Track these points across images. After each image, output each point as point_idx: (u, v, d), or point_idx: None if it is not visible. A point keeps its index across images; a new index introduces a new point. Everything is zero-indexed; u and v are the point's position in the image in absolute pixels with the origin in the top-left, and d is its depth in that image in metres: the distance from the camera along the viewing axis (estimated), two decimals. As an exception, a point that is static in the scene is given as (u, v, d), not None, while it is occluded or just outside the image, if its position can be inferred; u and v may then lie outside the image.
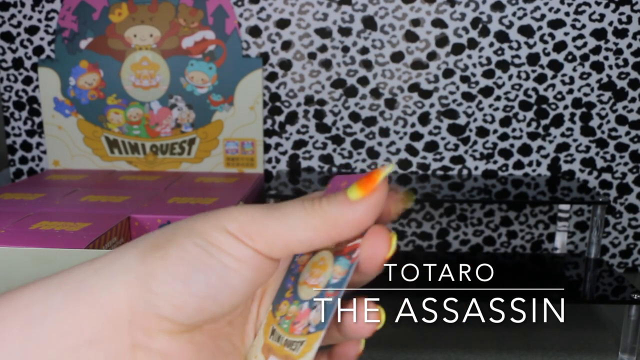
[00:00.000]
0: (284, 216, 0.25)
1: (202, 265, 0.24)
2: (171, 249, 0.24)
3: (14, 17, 1.41)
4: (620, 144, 1.42)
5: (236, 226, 0.25)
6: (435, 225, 1.48)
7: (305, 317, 0.27)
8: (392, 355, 1.09)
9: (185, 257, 0.24)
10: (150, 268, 0.24)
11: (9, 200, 1.04)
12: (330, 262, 0.27)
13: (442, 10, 1.37)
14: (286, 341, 0.27)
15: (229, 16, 1.39)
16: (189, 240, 0.24)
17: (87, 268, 0.25)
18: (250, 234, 0.25)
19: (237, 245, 0.25)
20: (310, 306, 0.27)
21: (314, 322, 0.27)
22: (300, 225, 0.25)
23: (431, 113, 1.42)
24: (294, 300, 0.28)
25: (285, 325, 0.28)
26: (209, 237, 0.25)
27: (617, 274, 1.19)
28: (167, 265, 0.24)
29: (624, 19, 1.35)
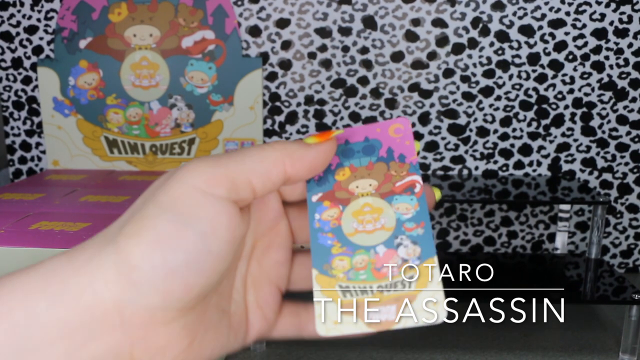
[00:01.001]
0: (244, 155, 0.26)
1: (178, 241, 0.23)
2: (145, 234, 0.24)
3: (13, 16, 1.41)
4: (621, 144, 1.42)
5: (202, 179, 0.25)
6: (436, 225, 1.48)
7: (392, 258, 0.27)
8: (392, 355, 1.09)
9: (160, 239, 0.23)
10: (128, 259, 0.23)
11: (8, 200, 1.03)
12: (381, 204, 0.29)
13: (443, 10, 1.37)
14: (380, 286, 0.27)
15: (229, 16, 1.39)
16: (160, 219, 0.24)
17: (66, 266, 0.24)
18: (215, 182, 0.25)
19: (207, 203, 0.24)
20: (389, 246, 0.28)
21: (411, 255, 0.27)
22: (257, 158, 0.26)
23: (431, 113, 1.42)
24: (355, 250, 0.28)
25: (362, 276, 0.27)
26: (179, 206, 0.24)
27: (617, 274, 1.19)
28: (144, 253, 0.23)
29: (625, 19, 1.35)
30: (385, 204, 0.29)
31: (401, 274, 0.27)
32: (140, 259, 0.23)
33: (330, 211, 0.29)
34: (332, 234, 0.29)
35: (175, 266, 0.23)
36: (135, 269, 0.23)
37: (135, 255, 0.23)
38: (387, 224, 0.28)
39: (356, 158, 0.30)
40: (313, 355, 1.09)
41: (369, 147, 0.30)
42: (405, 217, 0.28)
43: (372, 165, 0.30)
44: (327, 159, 0.28)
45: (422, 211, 0.28)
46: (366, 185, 0.29)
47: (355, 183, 0.29)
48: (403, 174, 0.29)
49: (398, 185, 0.29)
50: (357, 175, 0.30)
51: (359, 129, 0.31)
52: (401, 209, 0.28)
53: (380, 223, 0.28)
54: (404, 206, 0.28)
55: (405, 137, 0.30)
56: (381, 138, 0.30)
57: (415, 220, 0.28)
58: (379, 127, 0.31)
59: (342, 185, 0.30)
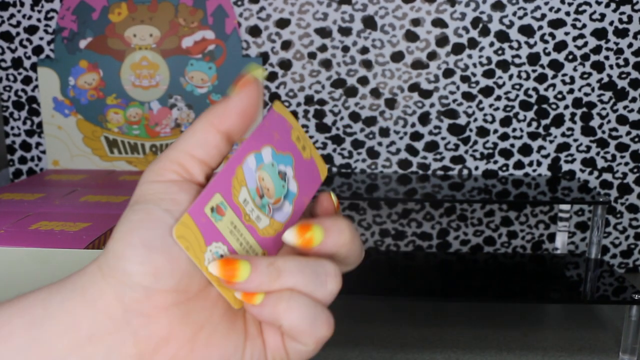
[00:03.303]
0: (179, 138, 0.28)
1: (148, 221, 0.26)
2: (120, 227, 0.26)
3: (13, 16, 1.41)
4: (621, 144, 1.42)
5: (154, 173, 0.27)
6: (436, 225, 1.48)
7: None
8: (392, 355, 1.09)
9: (133, 225, 0.26)
10: (116, 252, 0.26)
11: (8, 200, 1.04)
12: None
13: (443, 10, 1.37)
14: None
15: (229, 16, 1.39)
16: (130, 210, 0.27)
17: (78, 273, 0.27)
18: (163, 170, 0.27)
19: (164, 188, 0.27)
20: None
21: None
22: (189, 133, 0.28)
23: (431, 113, 1.42)
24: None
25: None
26: (142, 198, 0.27)
27: (617, 274, 1.19)
28: (124, 242, 0.25)
29: (625, 19, 1.35)
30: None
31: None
32: (123, 248, 0.26)
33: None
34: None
35: (153, 243, 0.25)
36: (122, 257, 0.25)
37: (118, 246, 0.26)
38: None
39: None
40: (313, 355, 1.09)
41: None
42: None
43: None
44: (254, 99, 0.29)
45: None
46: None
47: None
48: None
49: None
50: None
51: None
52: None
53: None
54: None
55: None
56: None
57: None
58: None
59: None
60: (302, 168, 0.32)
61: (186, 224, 0.28)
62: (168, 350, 0.26)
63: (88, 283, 0.26)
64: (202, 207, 0.28)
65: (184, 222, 0.28)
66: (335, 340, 1.14)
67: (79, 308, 0.25)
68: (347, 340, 1.15)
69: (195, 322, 0.27)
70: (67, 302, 0.25)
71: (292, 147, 0.32)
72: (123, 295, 0.25)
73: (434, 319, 1.25)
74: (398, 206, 1.47)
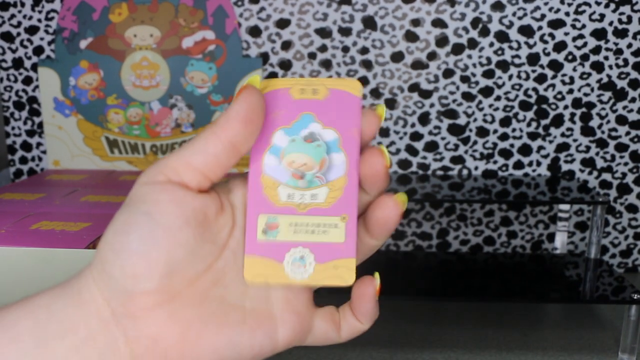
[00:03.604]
0: (182, 146, 0.28)
1: (128, 225, 0.26)
2: (108, 231, 0.27)
3: (14, 17, 1.41)
4: (620, 144, 1.42)
5: (148, 177, 0.27)
6: (435, 225, 1.48)
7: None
8: (392, 354, 1.09)
9: (117, 230, 0.26)
10: (100, 255, 0.27)
11: (9, 200, 1.04)
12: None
13: (442, 10, 1.37)
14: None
15: (229, 16, 1.39)
16: (117, 215, 0.27)
17: (75, 276, 0.28)
18: (157, 173, 0.27)
19: (150, 190, 0.27)
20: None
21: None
22: (191, 143, 0.28)
23: (431, 113, 1.42)
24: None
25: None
26: (131, 201, 0.27)
27: (617, 274, 1.19)
28: (108, 246, 0.26)
29: (624, 19, 1.35)
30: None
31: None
32: (105, 251, 0.26)
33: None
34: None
35: (132, 246, 0.26)
36: (105, 261, 0.26)
37: (103, 250, 0.27)
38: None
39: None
40: (313, 354, 1.09)
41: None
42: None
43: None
44: (253, 105, 0.28)
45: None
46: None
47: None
48: None
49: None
50: None
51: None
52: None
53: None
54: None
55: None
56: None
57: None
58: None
59: None
60: (327, 110, 0.29)
61: (250, 264, 0.28)
62: (159, 350, 0.27)
63: (83, 287, 0.27)
64: (254, 238, 0.28)
65: (247, 264, 0.28)
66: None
67: (76, 311, 0.26)
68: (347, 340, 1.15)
69: (183, 321, 0.27)
70: (67, 306, 0.26)
71: (302, 104, 0.29)
72: (110, 298, 0.26)
73: (434, 318, 1.25)
74: (398, 206, 1.47)
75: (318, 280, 0.28)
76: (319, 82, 0.29)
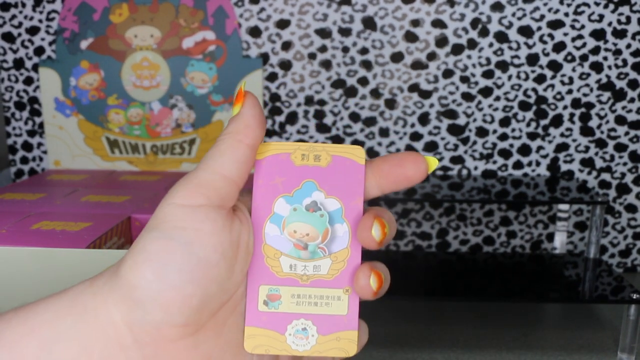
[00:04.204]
0: (206, 158, 0.27)
1: (165, 255, 0.25)
2: (136, 255, 0.25)
3: (14, 17, 1.42)
4: (620, 144, 1.42)
5: (180, 195, 0.26)
6: (435, 225, 1.48)
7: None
8: (392, 354, 1.09)
9: (149, 256, 0.25)
10: (128, 280, 0.25)
11: (9, 200, 1.04)
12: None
13: (442, 11, 1.38)
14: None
15: (229, 16, 1.39)
16: (147, 239, 0.25)
17: (88, 290, 0.26)
18: (191, 193, 0.26)
19: (188, 215, 0.25)
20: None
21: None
22: (216, 153, 0.27)
23: (431, 113, 1.43)
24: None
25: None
26: (163, 224, 0.25)
27: (616, 273, 1.20)
28: (137, 271, 0.25)
29: (623, 20, 1.36)
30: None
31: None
32: (136, 278, 0.25)
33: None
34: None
35: (167, 278, 0.25)
36: (135, 288, 0.25)
37: (132, 275, 0.25)
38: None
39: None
40: (313, 354, 1.09)
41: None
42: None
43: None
44: (258, 106, 0.28)
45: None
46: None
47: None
48: None
49: None
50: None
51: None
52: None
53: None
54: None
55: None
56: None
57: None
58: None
59: None
60: (329, 177, 0.28)
61: (251, 334, 0.27)
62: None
63: (100, 307, 0.25)
64: (255, 309, 0.27)
65: (248, 335, 0.27)
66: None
67: (90, 333, 0.25)
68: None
69: (204, 352, 0.27)
70: (78, 325, 0.25)
71: (304, 171, 0.28)
72: (133, 325, 0.25)
73: (434, 318, 1.25)
74: (398, 206, 1.48)
75: (320, 352, 0.28)
76: (322, 147, 0.28)
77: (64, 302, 0.26)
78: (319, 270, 0.28)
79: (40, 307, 0.25)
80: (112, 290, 0.25)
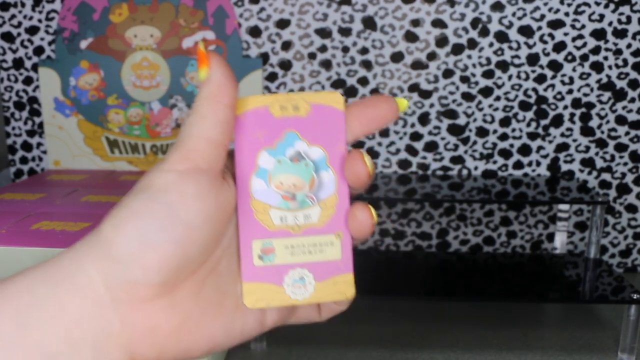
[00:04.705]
0: (186, 125, 0.27)
1: (148, 213, 0.25)
2: (118, 213, 0.25)
3: (14, 17, 1.42)
4: (620, 144, 1.42)
5: (168, 162, 0.26)
6: (435, 225, 1.48)
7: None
8: (392, 354, 1.09)
9: (131, 215, 0.25)
10: (108, 238, 0.25)
11: (9, 200, 1.04)
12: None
13: (442, 11, 1.37)
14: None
15: (229, 16, 1.39)
16: (132, 199, 0.26)
17: (66, 255, 0.26)
18: (179, 159, 0.26)
19: (174, 179, 0.26)
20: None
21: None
22: (198, 116, 0.27)
23: (431, 113, 1.43)
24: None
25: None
26: (150, 187, 0.26)
27: (616, 273, 1.19)
28: (119, 230, 0.25)
29: (624, 19, 1.36)
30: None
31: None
32: (116, 235, 0.25)
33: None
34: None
35: (147, 236, 0.25)
36: (114, 244, 0.25)
37: (112, 232, 0.25)
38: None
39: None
40: (313, 354, 1.09)
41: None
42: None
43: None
44: (225, 63, 0.28)
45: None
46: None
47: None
48: None
49: None
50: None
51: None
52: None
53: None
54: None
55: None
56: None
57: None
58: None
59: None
60: (311, 125, 0.28)
61: (249, 290, 0.27)
62: (155, 339, 0.26)
63: (78, 269, 0.25)
64: (251, 264, 0.28)
65: (246, 291, 0.27)
66: (334, 340, 1.15)
67: (67, 295, 0.25)
68: (346, 339, 1.15)
69: (182, 312, 0.27)
70: (55, 289, 0.25)
71: (284, 122, 0.28)
72: (111, 283, 0.25)
73: (433, 318, 1.25)
74: (398, 206, 1.48)
75: (319, 298, 0.28)
76: (299, 97, 0.28)
77: (42, 269, 0.26)
78: (310, 218, 0.28)
79: (19, 277, 0.26)
80: (92, 249, 0.25)
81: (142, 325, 0.26)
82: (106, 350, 0.25)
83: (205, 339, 0.28)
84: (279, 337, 1.15)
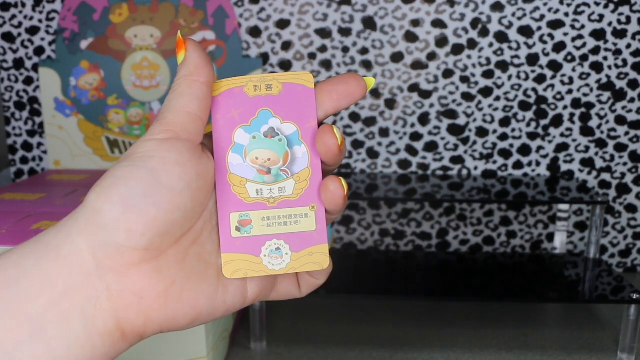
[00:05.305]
0: (167, 102, 0.29)
1: (131, 180, 0.26)
2: (103, 182, 0.27)
3: (14, 17, 1.42)
4: (620, 144, 1.42)
5: (152, 133, 0.28)
6: (435, 225, 1.48)
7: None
8: (392, 354, 1.09)
9: (116, 182, 0.26)
10: (94, 206, 0.26)
11: (9, 200, 1.04)
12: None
13: (442, 11, 1.38)
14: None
15: (229, 16, 1.39)
16: (116, 167, 0.27)
17: (52, 230, 0.27)
18: (161, 130, 0.28)
19: (156, 146, 0.27)
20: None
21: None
22: (176, 94, 0.29)
23: (431, 113, 1.43)
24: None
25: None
26: (134, 155, 0.27)
27: (616, 273, 1.20)
28: (104, 196, 0.26)
29: (623, 20, 1.36)
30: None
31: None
32: (101, 202, 0.26)
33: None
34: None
35: (132, 201, 0.26)
36: (99, 211, 0.26)
37: (97, 200, 0.26)
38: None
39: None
40: (313, 354, 1.09)
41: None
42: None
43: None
44: (200, 47, 0.30)
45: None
46: None
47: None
48: None
49: None
50: None
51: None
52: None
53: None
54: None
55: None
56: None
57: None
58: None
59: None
60: (283, 104, 0.30)
61: (228, 261, 0.29)
62: (142, 306, 0.27)
63: (63, 240, 0.26)
64: (229, 235, 0.29)
65: (225, 261, 0.29)
66: (334, 340, 1.15)
67: (54, 265, 0.25)
68: (346, 340, 1.15)
69: (167, 278, 0.27)
70: (41, 261, 0.25)
71: (258, 101, 0.30)
72: (96, 250, 0.26)
73: (433, 318, 1.25)
74: (398, 206, 1.48)
75: (296, 268, 0.29)
76: (272, 77, 0.30)
77: (29, 244, 0.26)
78: (284, 191, 0.29)
79: (6, 253, 0.26)
80: (77, 220, 0.26)
81: (129, 290, 0.26)
82: (95, 318, 0.26)
83: (190, 307, 0.28)
84: (279, 337, 1.15)
